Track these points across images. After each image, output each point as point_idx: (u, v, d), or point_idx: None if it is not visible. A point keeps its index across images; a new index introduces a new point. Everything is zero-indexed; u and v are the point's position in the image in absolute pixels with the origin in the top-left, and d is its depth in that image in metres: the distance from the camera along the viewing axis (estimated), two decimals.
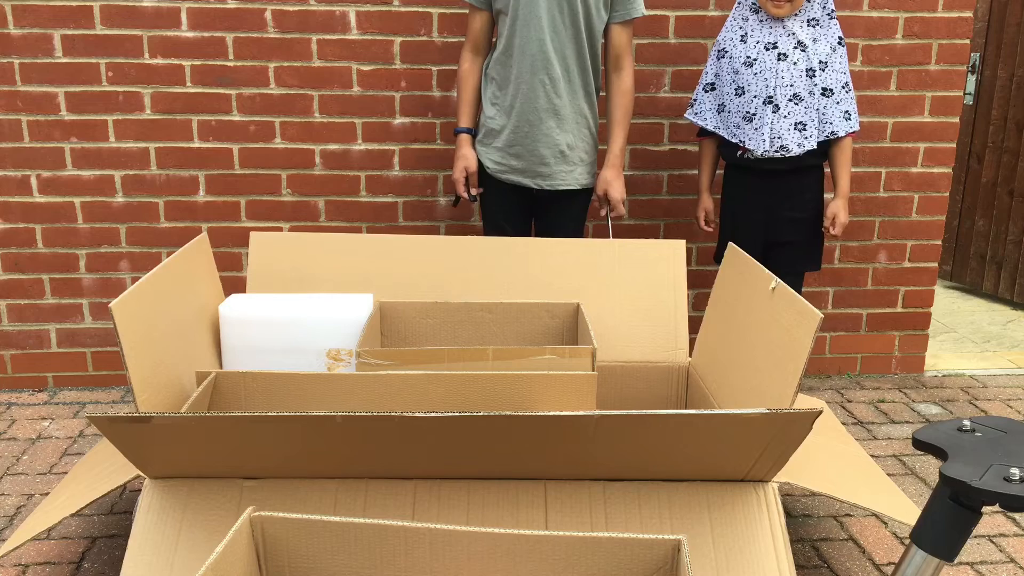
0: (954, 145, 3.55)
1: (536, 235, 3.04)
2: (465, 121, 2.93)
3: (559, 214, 2.95)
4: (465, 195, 2.94)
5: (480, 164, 2.93)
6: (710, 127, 3.02)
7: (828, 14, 2.86)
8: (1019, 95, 4.51)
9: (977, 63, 4.70)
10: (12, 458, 2.92)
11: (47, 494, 2.59)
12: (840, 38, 2.87)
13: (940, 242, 3.65)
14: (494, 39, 2.90)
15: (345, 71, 3.29)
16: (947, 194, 3.60)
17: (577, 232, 2.98)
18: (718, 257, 3.08)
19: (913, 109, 3.50)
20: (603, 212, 2.99)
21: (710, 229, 3.17)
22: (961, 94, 3.51)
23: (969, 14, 3.43)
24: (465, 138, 2.92)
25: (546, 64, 2.76)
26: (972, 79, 4.72)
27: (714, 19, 3.35)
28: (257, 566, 1.52)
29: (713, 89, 3.00)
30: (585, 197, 2.97)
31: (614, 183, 2.93)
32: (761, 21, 2.88)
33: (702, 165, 3.15)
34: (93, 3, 3.15)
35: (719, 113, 3.00)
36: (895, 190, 3.58)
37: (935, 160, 3.56)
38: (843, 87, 2.88)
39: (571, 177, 2.89)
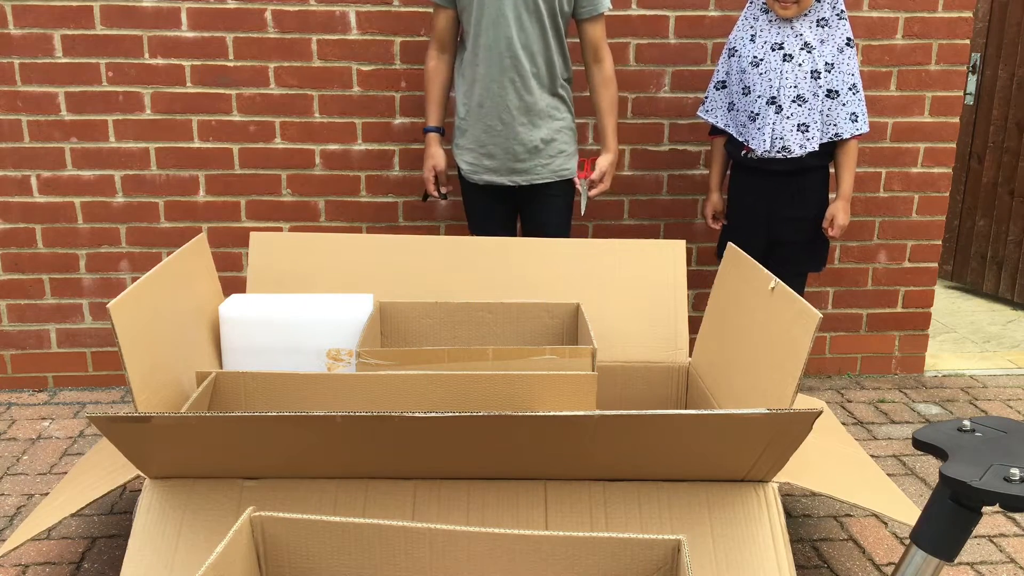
0: (954, 145, 3.55)
1: (523, 234, 3.02)
2: (433, 120, 2.93)
3: (542, 208, 2.93)
4: (435, 194, 2.95)
5: (458, 166, 2.93)
6: (720, 124, 3.02)
7: (838, 14, 2.86)
8: (1020, 95, 4.51)
9: (978, 63, 4.70)
10: (12, 458, 2.92)
11: (47, 494, 2.59)
12: (849, 39, 2.86)
13: (940, 242, 3.65)
14: (460, 38, 2.89)
15: (345, 71, 3.29)
16: (947, 194, 3.60)
17: (563, 225, 2.96)
18: (720, 254, 3.08)
19: (913, 109, 3.50)
20: (584, 189, 2.94)
21: (716, 227, 3.17)
22: (961, 94, 3.51)
23: (969, 14, 3.43)
24: (433, 137, 2.92)
25: (515, 62, 2.75)
26: (973, 79, 4.72)
27: (714, 19, 3.35)
28: (257, 566, 1.52)
29: (724, 87, 3.01)
30: (567, 188, 2.95)
31: (610, 172, 2.93)
32: (770, 21, 2.88)
33: (713, 163, 3.16)
34: (93, 3, 3.15)
35: (729, 111, 3.00)
36: (895, 190, 3.58)
37: (935, 160, 3.56)
38: (850, 88, 2.87)
39: (547, 170, 2.87)
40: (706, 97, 3.06)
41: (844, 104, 2.87)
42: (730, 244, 2.48)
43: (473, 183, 2.91)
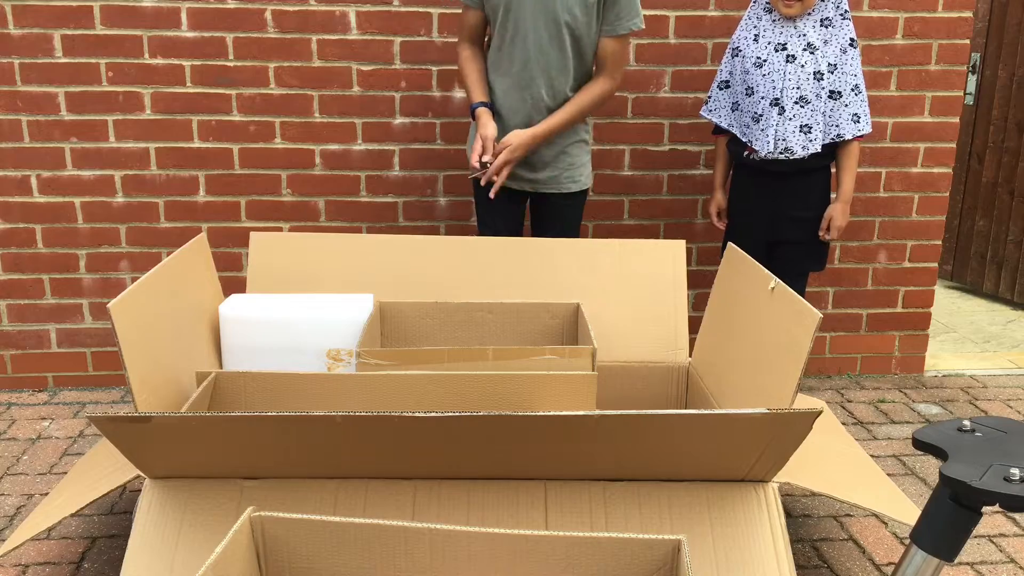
0: (954, 145, 3.55)
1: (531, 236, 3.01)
2: (478, 96, 2.79)
3: (550, 215, 2.92)
4: (476, 164, 2.72)
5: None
6: (724, 124, 3.01)
7: (841, 14, 2.85)
8: (1019, 95, 4.51)
9: (977, 63, 4.70)
10: (12, 458, 2.92)
11: (47, 494, 2.59)
12: (852, 39, 2.85)
13: (940, 242, 3.65)
14: (489, 40, 2.88)
15: (345, 71, 3.29)
16: (947, 194, 3.60)
17: (569, 235, 2.93)
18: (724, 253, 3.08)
19: (913, 109, 3.50)
20: (484, 158, 2.73)
21: (722, 226, 3.17)
22: (961, 94, 3.51)
23: (969, 14, 3.43)
24: (483, 111, 2.76)
25: (530, 83, 2.73)
26: (973, 79, 4.72)
27: (714, 19, 3.35)
28: (257, 566, 1.52)
29: (728, 87, 3.00)
30: (579, 199, 2.93)
31: (514, 138, 2.69)
32: (774, 21, 2.87)
33: (716, 162, 3.15)
34: (93, 3, 3.15)
35: (733, 111, 3.00)
36: (895, 190, 3.58)
37: (935, 160, 3.56)
38: (852, 89, 2.86)
39: (555, 182, 2.85)
40: (709, 97, 3.06)
41: (847, 105, 2.87)
42: (730, 244, 2.48)
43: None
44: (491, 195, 2.71)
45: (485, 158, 2.71)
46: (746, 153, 2.97)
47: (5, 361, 3.44)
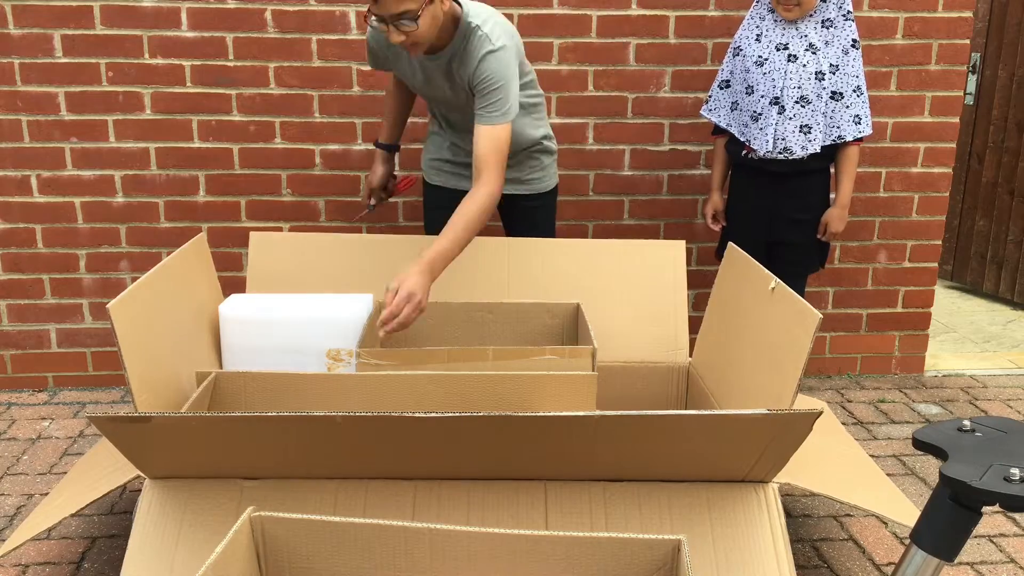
0: (954, 145, 3.55)
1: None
2: (381, 134, 2.88)
3: (519, 218, 2.84)
4: (364, 202, 2.92)
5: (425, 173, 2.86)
6: (723, 124, 3.01)
7: (844, 15, 2.85)
8: (1019, 95, 4.51)
9: (977, 63, 4.70)
10: (12, 458, 2.92)
11: (47, 494, 2.59)
12: (855, 40, 2.85)
13: (940, 242, 3.65)
14: None
15: (345, 71, 3.29)
16: (947, 194, 3.60)
17: (544, 237, 2.82)
18: (719, 254, 3.07)
19: (913, 109, 3.50)
20: (372, 201, 2.89)
21: (716, 228, 3.17)
22: (961, 94, 3.51)
23: (969, 14, 3.43)
24: (377, 154, 2.88)
25: (456, 139, 2.71)
26: (973, 79, 4.72)
27: (714, 19, 3.35)
28: (257, 566, 1.52)
29: (728, 87, 3.00)
30: (547, 199, 2.84)
31: (415, 288, 2.16)
32: (776, 21, 2.87)
33: (715, 163, 3.15)
34: (93, 3, 3.15)
35: (732, 111, 2.99)
36: (895, 190, 3.58)
37: (935, 160, 3.56)
38: (854, 90, 2.86)
39: (519, 183, 2.77)
40: (709, 96, 3.05)
41: (848, 106, 2.86)
42: (730, 244, 2.48)
43: (439, 187, 2.82)
44: (380, 334, 2.17)
45: (372, 202, 2.91)
46: (744, 152, 2.97)
47: (5, 361, 3.44)
